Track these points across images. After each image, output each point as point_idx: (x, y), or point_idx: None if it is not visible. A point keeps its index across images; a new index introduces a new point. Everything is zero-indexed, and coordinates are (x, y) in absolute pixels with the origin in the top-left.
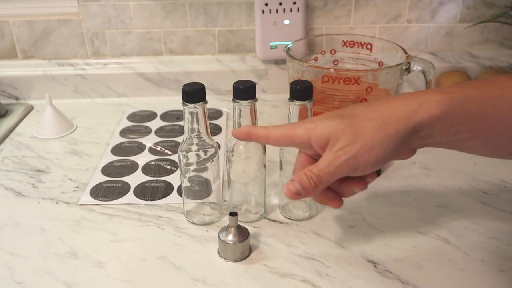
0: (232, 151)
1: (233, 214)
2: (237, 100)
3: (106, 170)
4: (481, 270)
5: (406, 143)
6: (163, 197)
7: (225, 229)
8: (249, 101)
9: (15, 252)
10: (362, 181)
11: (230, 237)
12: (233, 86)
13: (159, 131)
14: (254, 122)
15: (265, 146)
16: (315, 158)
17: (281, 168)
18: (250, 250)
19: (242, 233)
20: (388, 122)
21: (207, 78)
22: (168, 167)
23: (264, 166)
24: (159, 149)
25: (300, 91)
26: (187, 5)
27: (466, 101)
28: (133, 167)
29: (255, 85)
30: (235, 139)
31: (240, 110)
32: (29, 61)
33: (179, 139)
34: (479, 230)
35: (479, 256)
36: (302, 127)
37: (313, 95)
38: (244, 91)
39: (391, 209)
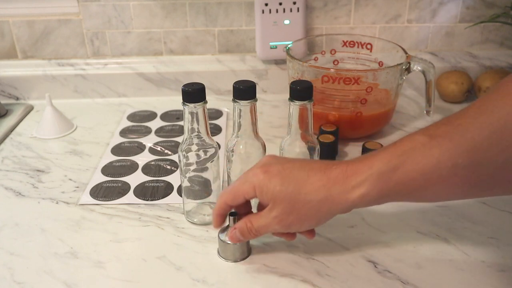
0: (232, 151)
1: (232, 214)
2: (237, 100)
3: (106, 170)
4: (481, 270)
5: (336, 214)
6: (163, 197)
7: (225, 229)
8: (249, 101)
9: (15, 252)
10: (292, 235)
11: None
12: (233, 86)
13: (159, 131)
14: (254, 122)
15: (265, 146)
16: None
17: None
18: (250, 250)
19: None
20: (322, 201)
21: (207, 78)
22: (168, 167)
23: None
24: (159, 149)
25: (300, 91)
26: (187, 5)
27: (392, 173)
28: (133, 167)
29: (255, 85)
30: (236, 139)
31: (240, 110)
32: (29, 61)
33: (179, 139)
34: (479, 230)
35: (479, 256)
36: (248, 184)
37: (313, 95)
38: (244, 91)
39: (391, 209)
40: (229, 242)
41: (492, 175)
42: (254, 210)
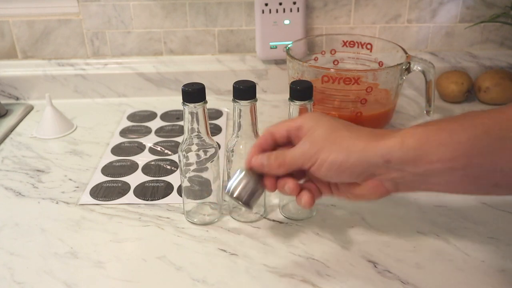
0: (232, 151)
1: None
2: (237, 100)
3: (106, 170)
4: (481, 270)
5: (372, 170)
6: (163, 197)
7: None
8: (249, 101)
9: (15, 252)
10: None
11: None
12: (233, 86)
13: (159, 131)
14: (254, 122)
15: None
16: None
17: None
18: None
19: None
20: (361, 139)
21: (207, 78)
22: (168, 167)
23: None
24: (159, 149)
25: (300, 91)
26: (187, 5)
27: (439, 131)
28: (133, 167)
29: (255, 85)
30: (236, 139)
31: (240, 110)
32: (29, 61)
33: (179, 139)
34: (479, 230)
35: (479, 256)
36: (299, 117)
37: (313, 95)
38: (244, 91)
39: (391, 209)
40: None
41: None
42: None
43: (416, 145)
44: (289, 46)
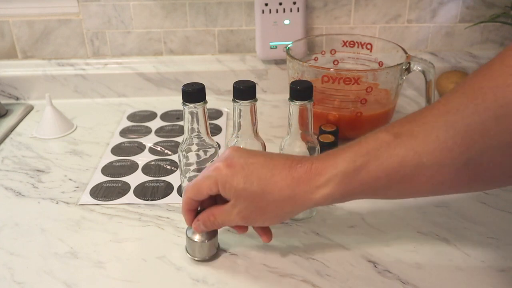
0: None
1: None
2: (237, 100)
3: (106, 170)
4: (481, 270)
5: (298, 212)
6: (163, 197)
7: None
8: (249, 101)
9: (15, 252)
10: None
11: (197, 236)
12: (233, 86)
13: (159, 131)
14: (254, 122)
15: (265, 146)
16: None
17: None
18: (218, 248)
19: (210, 232)
20: (286, 200)
21: (207, 78)
22: (168, 167)
23: None
24: (159, 149)
25: (300, 91)
26: (187, 5)
27: (357, 174)
28: (133, 167)
29: (255, 85)
30: (235, 139)
31: (240, 110)
32: (29, 61)
33: (179, 139)
34: (479, 230)
35: (479, 256)
36: (212, 179)
37: (313, 95)
38: (244, 91)
39: (391, 209)
40: (196, 240)
41: (455, 174)
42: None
43: (343, 194)
44: (289, 46)
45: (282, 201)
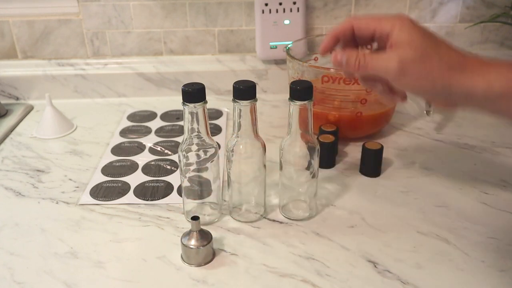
0: (232, 151)
1: (194, 218)
2: (237, 100)
3: (106, 170)
4: (481, 270)
5: (449, 97)
6: (163, 197)
7: (188, 233)
8: (249, 101)
9: (15, 252)
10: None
11: (192, 242)
12: (233, 86)
13: (159, 131)
14: (254, 122)
15: (265, 146)
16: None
17: (281, 168)
18: (214, 254)
19: (205, 237)
20: (451, 72)
21: (207, 78)
22: (168, 167)
23: (264, 166)
24: (159, 149)
25: (300, 91)
26: (187, 5)
27: None
28: (133, 167)
29: (255, 85)
30: (236, 139)
31: (240, 110)
32: (29, 61)
33: (179, 139)
34: (479, 230)
35: (479, 256)
36: (389, 21)
37: (313, 95)
38: (244, 91)
39: (391, 209)
40: (192, 247)
41: None
42: None
43: (503, 91)
44: (289, 46)
45: (447, 69)
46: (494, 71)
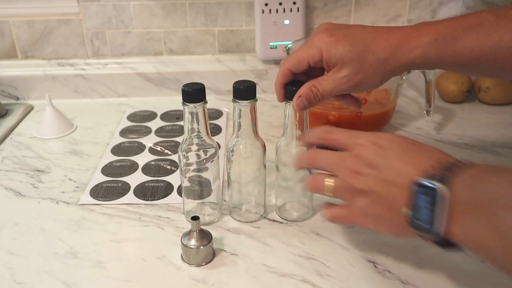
0: (232, 151)
1: (194, 218)
2: (237, 100)
3: (106, 170)
4: (481, 270)
5: (397, 73)
6: (163, 197)
7: (188, 233)
8: (249, 101)
9: (15, 252)
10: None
11: (192, 242)
12: (233, 86)
13: (159, 131)
14: (254, 122)
15: (265, 146)
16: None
17: (277, 169)
18: (214, 254)
19: (205, 237)
20: (388, 59)
21: (207, 78)
22: (168, 167)
23: (264, 166)
24: (159, 149)
25: (296, 91)
26: (187, 5)
27: (455, 42)
28: (133, 167)
29: (255, 85)
30: (236, 139)
31: (240, 110)
32: (29, 61)
33: (179, 139)
34: None
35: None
36: (314, 48)
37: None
38: (244, 91)
39: None
40: (192, 247)
41: None
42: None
43: (436, 57)
44: (289, 46)
45: (384, 60)
46: (420, 37)
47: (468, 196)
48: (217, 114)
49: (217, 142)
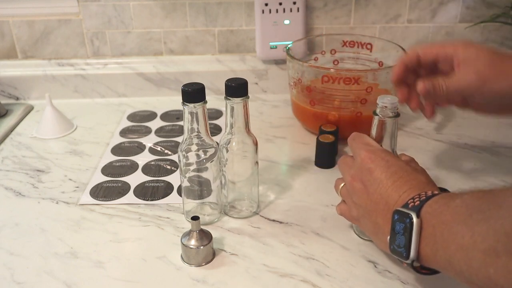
0: (225, 148)
1: (194, 218)
2: (230, 98)
3: (106, 170)
4: None
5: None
6: (163, 197)
7: (188, 233)
8: (241, 98)
9: (15, 252)
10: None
11: (192, 242)
12: (225, 83)
13: (159, 131)
14: (246, 119)
15: (257, 143)
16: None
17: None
18: (214, 254)
19: (205, 237)
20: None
21: (207, 78)
22: (168, 167)
23: (257, 162)
24: (159, 149)
25: (235, 87)
26: (187, 5)
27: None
28: (133, 167)
29: (247, 82)
30: (229, 136)
31: (233, 107)
32: (29, 61)
33: (179, 139)
34: None
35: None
36: (450, 43)
37: (314, 95)
38: (236, 88)
39: None
40: (192, 247)
41: None
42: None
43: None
44: (289, 46)
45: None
46: None
47: (434, 220)
48: (217, 114)
49: (217, 142)
